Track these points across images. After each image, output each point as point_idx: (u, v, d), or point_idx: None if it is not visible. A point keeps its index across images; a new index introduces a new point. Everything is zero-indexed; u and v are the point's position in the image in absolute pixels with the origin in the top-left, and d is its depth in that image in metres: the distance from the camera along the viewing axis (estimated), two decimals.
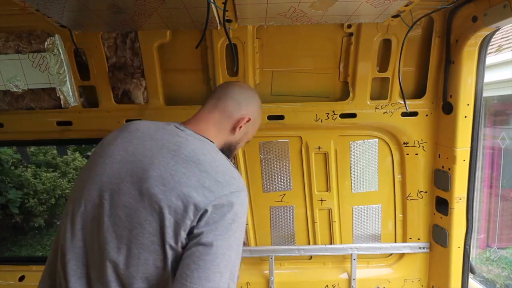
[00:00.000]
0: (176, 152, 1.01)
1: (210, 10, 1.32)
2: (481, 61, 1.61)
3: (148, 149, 1.04)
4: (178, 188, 0.95)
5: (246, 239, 2.03)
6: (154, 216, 0.95)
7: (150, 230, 0.95)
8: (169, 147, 1.03)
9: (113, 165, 1.03)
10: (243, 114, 1.22)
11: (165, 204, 0.94)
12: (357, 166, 1.93)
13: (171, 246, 0.95)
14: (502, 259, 5.20)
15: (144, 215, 0.95)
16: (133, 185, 0.98)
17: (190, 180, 0.97)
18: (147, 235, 0.95)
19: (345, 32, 1.70)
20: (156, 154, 1.01)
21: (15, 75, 1.69)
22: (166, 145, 1.04)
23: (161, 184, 0.96)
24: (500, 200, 5.24)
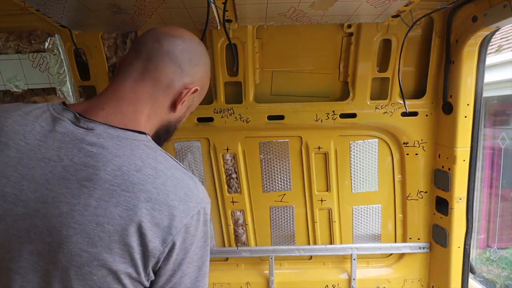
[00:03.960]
0: (94, 182, 0.65)
1: (210, 10, 1.32)
2: (481, 61, 1.61)
3: (42, 186, 0.65)
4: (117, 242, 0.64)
5: (246, 239, 2.03)
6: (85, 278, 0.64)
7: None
8: (78, 173, 0.66)
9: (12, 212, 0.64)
10: (187, 83, 0.83)
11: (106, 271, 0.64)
12: (357, 166, 1.93)
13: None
14: (502, 259, 5.20)
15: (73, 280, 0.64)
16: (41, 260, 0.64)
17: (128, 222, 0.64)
18: None
19: (345, 32, 1.70)
20: (62, 193, 0.65)
21: (15, 75, 1.69)
22: (71, 170, 0.66)
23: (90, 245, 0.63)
24: (500, 200, 5.24)
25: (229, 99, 1.81)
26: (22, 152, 0.67)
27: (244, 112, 1.80)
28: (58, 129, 0.70)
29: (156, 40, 0.81)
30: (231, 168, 1.93)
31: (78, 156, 0.67)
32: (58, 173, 0.66)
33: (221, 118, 1.81)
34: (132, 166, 0.68)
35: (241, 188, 1.95)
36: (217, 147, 1.88)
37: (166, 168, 0.72)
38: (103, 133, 0.71)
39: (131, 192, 0.66)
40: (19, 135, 0.68)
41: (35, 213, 0.64)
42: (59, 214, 0.64)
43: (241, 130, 1.85)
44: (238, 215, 2.00)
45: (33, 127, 0.69)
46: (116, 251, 0.64)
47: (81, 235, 0.63)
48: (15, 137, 0.68)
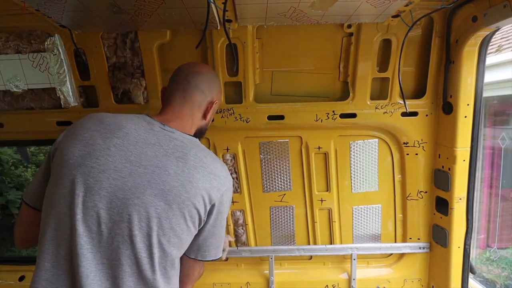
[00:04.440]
0: (185, 160, 1.10)
1: (210, 10, 1.32)
2: (481, 61, 1.61)
3: (154, 158, 1.07)
4: (199, 192, 1.09)
5: (246, 239, 2.03)
6: (184, 219, 1.08)
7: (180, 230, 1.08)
8: (174, 154, 1.10)
9: (124, 180, 1.03)
10: (209, 100, 1.30)
11: (192, 207, 1.08)
12: (357, 166, 1.93)
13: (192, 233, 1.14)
14: (502, 259, 5.20)
15: (175, 221, 1.06)
16: (157, 197, 1.04)
17: (205, 183, 1.11)
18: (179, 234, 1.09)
19: (345, 32, 1.70)
20: (167, 164, 1.08)
21: (15, 75, 1.69)
22: (169, 151, 1.10)
23: (185, 192, 1.07)
24: (500, 200, 5.24)
25: (229, 99, 1.82)
26: (137, 138, 1.10)
27: (244, 112, 1.80)
28: (154, 129, 1.14)
29: (185, 78, 1.28)
30: (231, 168, 1.93)
31: (171, 144, 1.12)
32: (162, 152, 1.09)
33: (221, 118, 1.81)
34: (201, 153, 1.16)
35: (241, 188, 1.96)
36: (217, 147, 1.88)
37: (214, 158, 1.22)
38: (179, 134, 1.17)
39: (203, 167, 1.12)
40: (133, 129, 1.11)
41: (153, 172, 1.06)
42: (167, 174, 1.06)
43: (241, 130, 1.85)
44: (238, 215, 2.00)
45: (139, 126, 1.13)
46: (198, 197, 1.09)
47: (181, 186, 1.07)
48: (131, 130, 1.11)
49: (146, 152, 1.07)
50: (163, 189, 1.04)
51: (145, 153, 1.07)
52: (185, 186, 1.07)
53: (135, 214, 1.02)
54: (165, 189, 1.05)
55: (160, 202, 1.04)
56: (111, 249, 1.03)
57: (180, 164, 1.08)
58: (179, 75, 1.29)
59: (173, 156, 1.09)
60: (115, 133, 1.08)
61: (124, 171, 1.04)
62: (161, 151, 1.09)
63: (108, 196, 1.02)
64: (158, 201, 1.04)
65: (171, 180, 1.06)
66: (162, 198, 1.04)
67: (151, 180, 1.05)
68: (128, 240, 1.02)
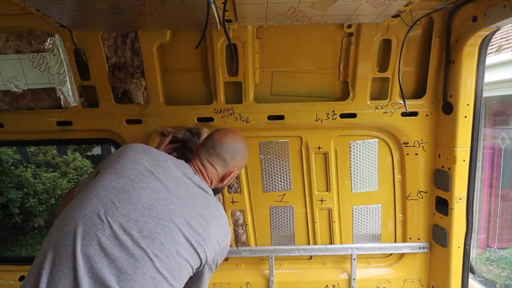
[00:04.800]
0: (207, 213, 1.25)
1: (210, 10, 1.32)
2: (481, 61, 1.61)
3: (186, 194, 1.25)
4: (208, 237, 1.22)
5: (246, 239, 2.03)
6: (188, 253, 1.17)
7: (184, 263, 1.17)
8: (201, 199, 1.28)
9: (159, 202, 1.17)
10: (229, 170, 1.45)
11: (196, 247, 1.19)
12: (357, 166, 1.93)
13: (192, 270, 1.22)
14: (502, 259, 5.20)
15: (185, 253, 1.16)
16: (179, 228, 1.16)
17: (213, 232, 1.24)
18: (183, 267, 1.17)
19: (345, 32, 1.70)
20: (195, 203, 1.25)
21: (15, 75, 1.69)
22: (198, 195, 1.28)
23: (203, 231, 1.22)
24: (500, 200, 5.24)
25: (229, 99, 1.81)
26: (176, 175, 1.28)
27: (244, 112, 1.80)
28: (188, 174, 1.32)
29: (212, 146, 1.43)
30: None
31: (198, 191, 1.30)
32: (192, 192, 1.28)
33: (221, 118, 1.81)
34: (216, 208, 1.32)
35: (241, 188, 1.96)
36: None
37: (223, 213, 1.36)
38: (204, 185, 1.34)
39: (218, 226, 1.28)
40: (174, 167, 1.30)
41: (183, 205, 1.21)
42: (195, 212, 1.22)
43: (241, 130, 1.85)
44: (238, 215, 2.00)
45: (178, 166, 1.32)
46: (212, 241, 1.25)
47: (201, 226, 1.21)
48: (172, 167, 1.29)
49: (180, 188, 1.25)
50: (188, 222, 1.19)
51: (180, 188, 1.25)
52: (203, 230, 1.21)
53: (162, 234, 1.13)
54: (190, 223, 1.19)
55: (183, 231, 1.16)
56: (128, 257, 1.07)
57: (203, 212, 1.25)
58: (209, 142, 1.45)
59: (200, 200, 1.27)
60: (160, 163, 1.26)
61: (161, 194, 1.19)
62: (192, 191, 1.28)
63: (142, 210, 1.14)
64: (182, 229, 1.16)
65: (196, 219, 1.21)
66: (185, 228, 1.17)
67: (180, 210, 1.19)
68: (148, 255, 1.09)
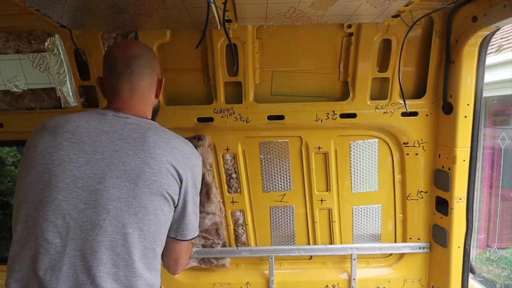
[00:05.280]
0: (143, 139, 1.10)
1: (210, 10, 1.32)
2: (481, 61, 1.61)
3: (110, 144, 1.07)
4: (164, 166, 1.09)
5: (246, 239, 2.03)
6: (155, 195, 1.07)
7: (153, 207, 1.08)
8: (131, 136, 1.10)
9: (81, 168, 1.04)
10: (156, 80, 1.28)
11: (160, 182, 1.08)
12: (357, 166, 1.93)
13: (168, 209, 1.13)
14: (502, 259, 5.20)
15: (144, 198, 1.06)
16: (119, 178, 1.04)
17: (168, 157, 1.11)
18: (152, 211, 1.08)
19: (345, 32, 1.70)
20: (125, 146, 1.08)
21: (15, 75, 1.69)
22: (125, 135, 1.10)
23: (148, 168, 1.07)
24: (500, 200, 5.24)
25: (229, 99, 1.81)
26: (89, 129, 1.09)
27: (244, 112, 1.80)
28: (107, 118, 1.14)
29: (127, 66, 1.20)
30: (231, 168, 1.93)
31: (126, 128, 1.12)
32: (117, 136, 1.09)
33: (221, 118, 1.81)
34: (160, 132, 1.15)
35: (241, 188, 1.96)
36: (217, 147, 1.88)
37: (175, 135, 1.21)
38: (134, 119, 1.16)
39: (165, 143, 1.12)
40: (84, 122, 1.11)
41: (110, 156, 1.06)
42: (126, 155, 1.07)
43: (241, 130, 1.85)
44: (238, 215, 2.00)
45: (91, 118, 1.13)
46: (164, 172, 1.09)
47: (144, 163, 1.06)
48: (81, 123, 1.11)
49: (100, 139, 1.08)
50: (125, 170, 1.05)
51: (100, 141, 1.07)
52: (148, 162, 1.06)
53: (100, 199, 1.02)
54: (127, 169, 1.05)
55: (125, 183, 1.04)
56: (81, 239, 1.01)
57: (139, 143, 1.08)
58: (118, 64, 1.21)
59: (129, 138, 1.09)
60: (64, 128, 1.09)
61: (79, 161, 1.04)
62: (116, 135, 1.09)
63: (66, 187, 1.02)
64: (121, 182, 1.04)
65: (131, 160, 1.06)
66: (126, 178, 1.04)
67: (109, 164, 1.05)
68: (97, 226, 1.01)
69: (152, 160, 1.07)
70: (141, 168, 1.05)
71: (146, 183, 1.05)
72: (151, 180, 1.06)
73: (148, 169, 1.06)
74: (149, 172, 1.06)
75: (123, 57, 1.20)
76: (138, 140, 1.09)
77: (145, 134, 1.11)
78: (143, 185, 1.05)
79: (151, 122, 1.20)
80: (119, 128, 1.11)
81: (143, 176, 1.05)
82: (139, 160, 1.06)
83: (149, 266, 1.09)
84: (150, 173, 1.06)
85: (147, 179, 1.05)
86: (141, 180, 1.05)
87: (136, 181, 1.04)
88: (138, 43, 1.31)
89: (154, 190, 1.06)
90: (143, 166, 1.06)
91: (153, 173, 1.06)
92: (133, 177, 1.04)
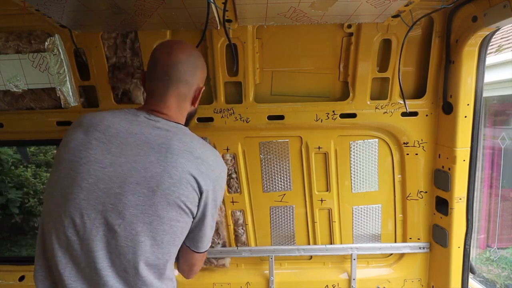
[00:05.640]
0: (168, 145, 1.08)
1: (210, 10, 1.32)
2: (481, 61, 1.61)
3: (135, 147, 1.07)
4: (184, 177, 1.07)
5: (246, 239, 2.03)
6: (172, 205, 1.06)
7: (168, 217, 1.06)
8: (157, 141, 1.08)
9: (105, 170, 1.04)
10: (196, 88, 1.24)
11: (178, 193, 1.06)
12: (357, 166, 1.93)
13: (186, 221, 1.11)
14: (502, 259, 5.20)
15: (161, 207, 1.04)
16: (139, 185, 1.03)
17: (191, 168, 1.08)
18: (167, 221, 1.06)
19: (345, 32, 1.70)
20: (149, 151, 1.06)
21: (15, 75, 1.69)
22: (151, 139, 1.08)
23: (169, 177, 1.05)
24: (500, 200, 5.24)
25: (229, 99, 1.81)
26: (119, 130, 1.09)
27: (244, 112, 1.80)
28: (138, 119, 1.14)
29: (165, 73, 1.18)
30: (231, 168, 1.93)
31: (154, 132, 1.10)
32: (143, 139, 1.08)
33: (221, 118, 1.81)
34: (187, 139, 1.13)
35: (241, 188, 1.96)
36: (217, 147, 1.88)
37: (203, 143, 1.19)
38: (164, 123, 1.15)
39: (189, 152, 1.10)
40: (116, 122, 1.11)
41: (134, 161, 1.05)
42: (149, 161, 1.05)
43: (241, 130, 1.85)
44: (238, 215, 2.00)
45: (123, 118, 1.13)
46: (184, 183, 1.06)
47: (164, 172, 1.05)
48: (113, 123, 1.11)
49: (127, 141, 1.07)
50: (145, 176, 1.04)
51: (127, 143, 1.07)
52: (169, 171, 1.05)
53: (118, 203, 1.02)
54: (147, 176, 1.04)
55: (143, 190, 1.03)
56: (95, 240, 1.02)
57: (163, 150, 1.07)
58: (158, 67, 1.20)
59: (155, 143, 1.08)
60: (96, 127, 1.09)
61: (104, 162, 1.04)
62: (142, 139, 1.08)
63: (88, 187, 1.03)
64: (140, 189, 1.03)
65: (153, 167, 1.05)
66: (145, 185, 1.03)
67: (131, 168, 1.04)
68: (111, 230, 1.02)
69: (174, 169, 1.05)
70: (161, 177, 1.04)
71: (164, 192, 1.04)
72: (170, 190, 1.04)
73: (168, 179, 1.04)
74: (168, 182, 1.04)
75: (164, 62, 1.18)
76: (163, 146, 1.07)
77: (171, 141, 1.09)
78: (161, 194, 1.04)
79: (180, 128, 1.18)
80: (147, 132, 1.10)
81: (162, 186, 1.04)
82: (161, 168, 1.05)
83: (161, 276, 1.09)
84: (169, 183, 1.04)
85: (166, 189, 1.04)
86: (159, 189, 1.04)
87: (154, 189, 1.03)
88: (184, 47, 1.23)
89: (171, 201, 1.05)
90: (164, 175, 1.04)
91: (173, 183, 1.05)
92: (152, 185, 1.03)
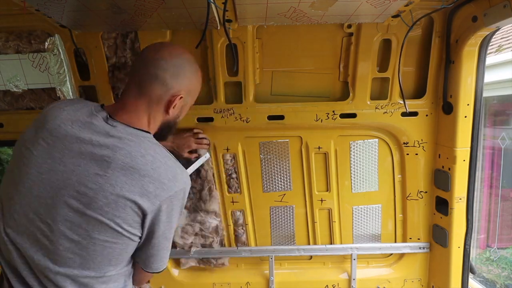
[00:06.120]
0: (112, 159, 0.96)
1: (210, 10, 1.32)
2: (481, 61, 1.61)
3: (78, 156, 0.97)
4: (121, 198, 0.95)
5: (246, 239, 2.03)
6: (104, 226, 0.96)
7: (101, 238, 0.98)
8: (102, 151, 0.97)
9: (42, 176, 0.96)
10: (173, 93, 1.08)
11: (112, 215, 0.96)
12: (357, 166, 1.93)
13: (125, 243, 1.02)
14: (502, 259, 5.20)
15: (91, 227, 0.96)
16: (70, 199, 0.95)
17: (132, 187, 0.96)
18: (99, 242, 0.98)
19: (345, 32, 1.70)
20: (89, 163, 0.96)
21: (15, 75, 1.69)
22: (97, 149, 0.97)
23: (103, 197, 0.94)
24: (500, 200, 5.24)
25: (229, 99, 1.81)
26: (68, 132, 0.99)
27: (244, 112, 1.80)
28: (94, 122, 1.01)
29: (145, 66, 1.07)
30: (231, 168, 1.93)
31: (105, 140, 0.98)
32: (89, 148, 0.97)
33: (221, 118, 1.81)
34: (138, 153, 0.99)
35: (241, 188, 1.95)
36: (217, 147, 1.88)
37: (161, 157, 1.03)
38: (122, 129, 1.02)
39: (134, 169, 0.97)
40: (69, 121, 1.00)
41: (72, 171, 0.96)
42: (85, 174, 0.95)
43: (241, 130, 1.85)
44: (238, 215, 2.00)
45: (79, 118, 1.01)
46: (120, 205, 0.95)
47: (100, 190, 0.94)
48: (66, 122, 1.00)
49: (72, 148, 0.97)
50: (79, 191, 0.95)
51: (70, 149, 0.97)
52: (105, 190, 0.94)
53: (48, 214, 0.96)
54: (81, 190, 0.95)
55: (75, 205, 0.95)
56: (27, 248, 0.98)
57: (104, 164, 0.95)
58: (139, 61, 1.10)
59: (98, 154, 0.96)
60: (47, 124, 1.00)
61: (43, 167, 0.96)
62: (88, 147, 0.97)
63: (24, 191, 0.97)
64: (72, 203, 0.95)
65: (89, 182, 0.94)
66: (77, 201, 0.95)
67: (66, 179, 0.95)
68: (39, 241, 0.97)
69: (111, 188, 0.94)
70: (96, 195, 0.94)
71: (96, 212, 0.94)
72: (103, 210, 0.94)
73: (103, 198, 0.94)
74: (102, 202, 0.94)
75: (149, 57, 1.08)
76: (105, 160, 0.96)
77: (116, 154, 0.96)
78: (93, 214, 0.94)
79: (140, 136, 1.04)
80: (95, 139, 0.98)
81: (95, 204, 0.94)
82: (97, 185, 0.94)
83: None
84: (103, 203, 0.94)
85: (98, 208, 0.94)
86: (91, 208, 0.94)
87: (86, 207, 0.94)
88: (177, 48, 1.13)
89: (104, 222, 0.95)
90: (98, 193, 0.94)
91: (107, 203, 0.94)
92: (84, 201, 0.94)
